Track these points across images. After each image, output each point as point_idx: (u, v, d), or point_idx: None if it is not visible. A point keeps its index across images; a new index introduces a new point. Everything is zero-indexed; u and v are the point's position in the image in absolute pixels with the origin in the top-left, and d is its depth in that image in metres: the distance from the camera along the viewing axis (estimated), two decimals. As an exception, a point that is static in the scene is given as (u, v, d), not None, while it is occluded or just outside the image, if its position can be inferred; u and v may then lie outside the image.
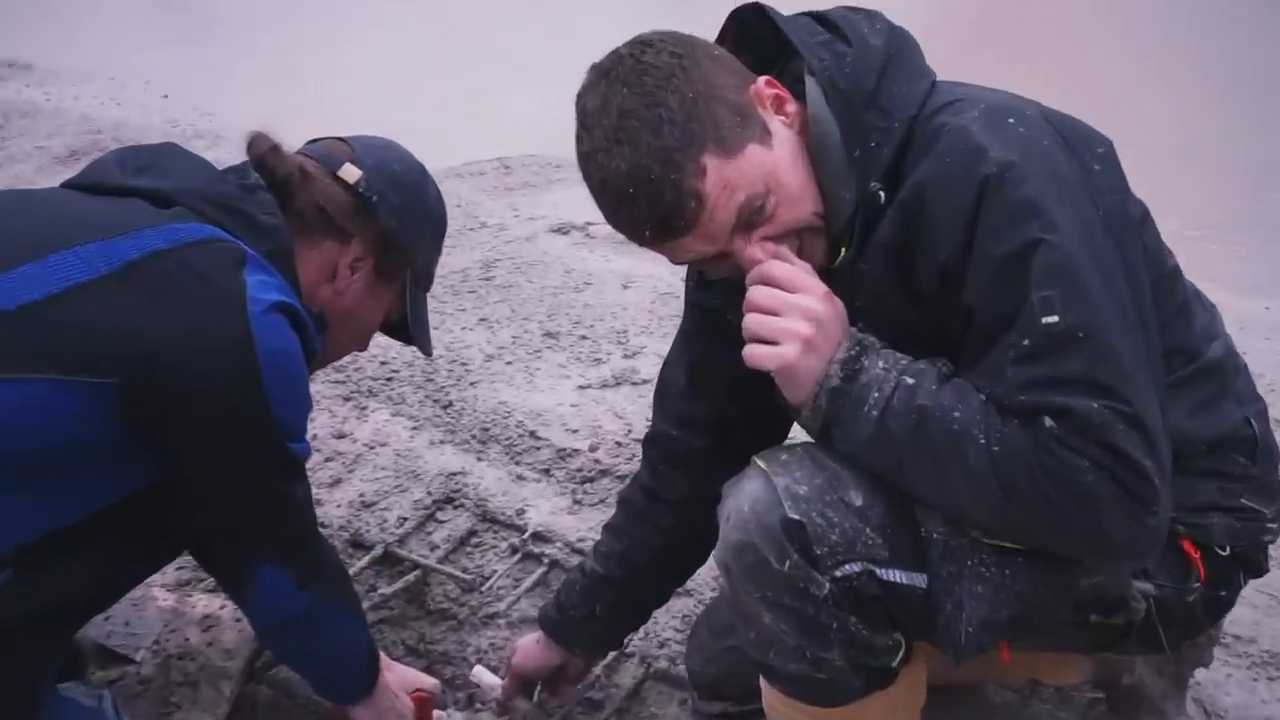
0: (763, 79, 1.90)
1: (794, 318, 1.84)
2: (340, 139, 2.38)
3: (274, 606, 2.20)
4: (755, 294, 1.87)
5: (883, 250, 1.86)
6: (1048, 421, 1.69)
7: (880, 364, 1.82)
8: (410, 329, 2.44)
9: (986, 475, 1.73)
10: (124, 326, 1.93)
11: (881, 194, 1.84)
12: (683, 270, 4.49)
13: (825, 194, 1.88)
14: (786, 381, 1.86)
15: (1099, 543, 1.74)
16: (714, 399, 2.32)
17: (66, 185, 2.20)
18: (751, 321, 1.87)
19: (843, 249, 1.90)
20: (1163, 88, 7.22)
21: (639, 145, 1.78)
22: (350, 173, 2.28)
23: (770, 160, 1.84)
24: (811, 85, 1.88)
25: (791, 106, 1.91)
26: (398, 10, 8.15)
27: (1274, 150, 6.50)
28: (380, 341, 3.21)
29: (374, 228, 2.29)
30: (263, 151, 2.24)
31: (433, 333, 2.58)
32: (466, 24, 7.33)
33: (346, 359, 3.69)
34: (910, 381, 1.80)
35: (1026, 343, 1.72)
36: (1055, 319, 1.70)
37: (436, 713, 2.50)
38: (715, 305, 2.25)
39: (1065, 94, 2.06)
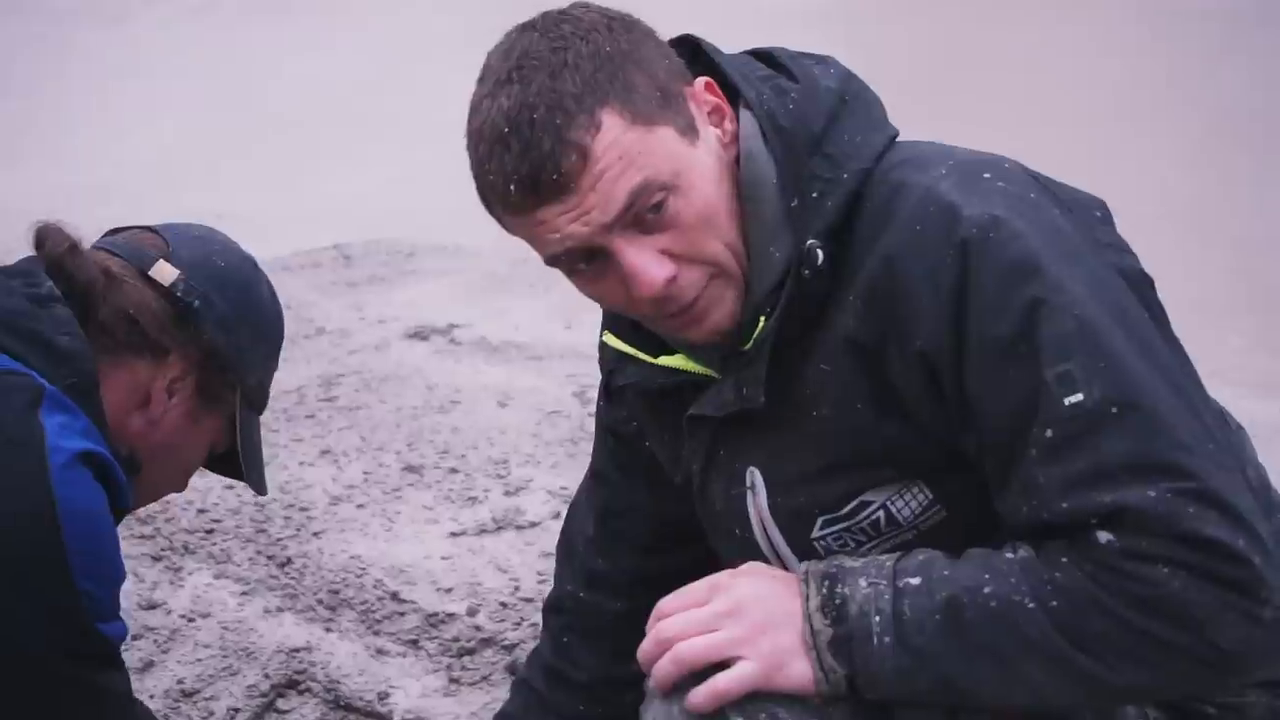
0: (703, 81, 1.91)
1: (724, 622, 1.84)
2: (149, 229, 2.36)
3: None
4: (664, 630, 1.86)
5: (848, 346, 1.86)
6: (1102, 537, 1.67)
7: (863, 581, 1.80)
8: (241, 462, 2.42)
9: (1055, 642, 1.70)
10: None
11: (819, 253, 1.84)
12: (575, 383, 4.49)
13: (750, 248, 1.89)
14: (778, 683, 1.81)
15: (1218, 662, 1.69)
16: (630, 552, 2.33)
17: None
18: (691, 655, 1.83)
19: (761, 320, 1.89)
20: (1141, 148, 7.40)
21: (529, 85, 1.80)
22: (165, 272, 2.26)
23: (687, 155, 1.85)
24: (747, 119, 1.91)
25: (731, 126, 1.92)
26: (202, 74, 8.17)
27: (1271, 220, 6.68)
28: (197, 483, 3.16)
29: (196, 340, 2.27)
30: (59, 252, 2.21)
31: (266, 468, 2.56)
32: (290, 90, 7.35)
33: (156, 505, 3.62)
34: (914, 581, 1.78)
35: (1050, 434, 1.71)
36: (1080, 397, 1.70)
37: None
38: (628, 429, 2.27)
39: (1030, 153, 2.08)
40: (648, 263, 1.83)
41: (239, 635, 3.40)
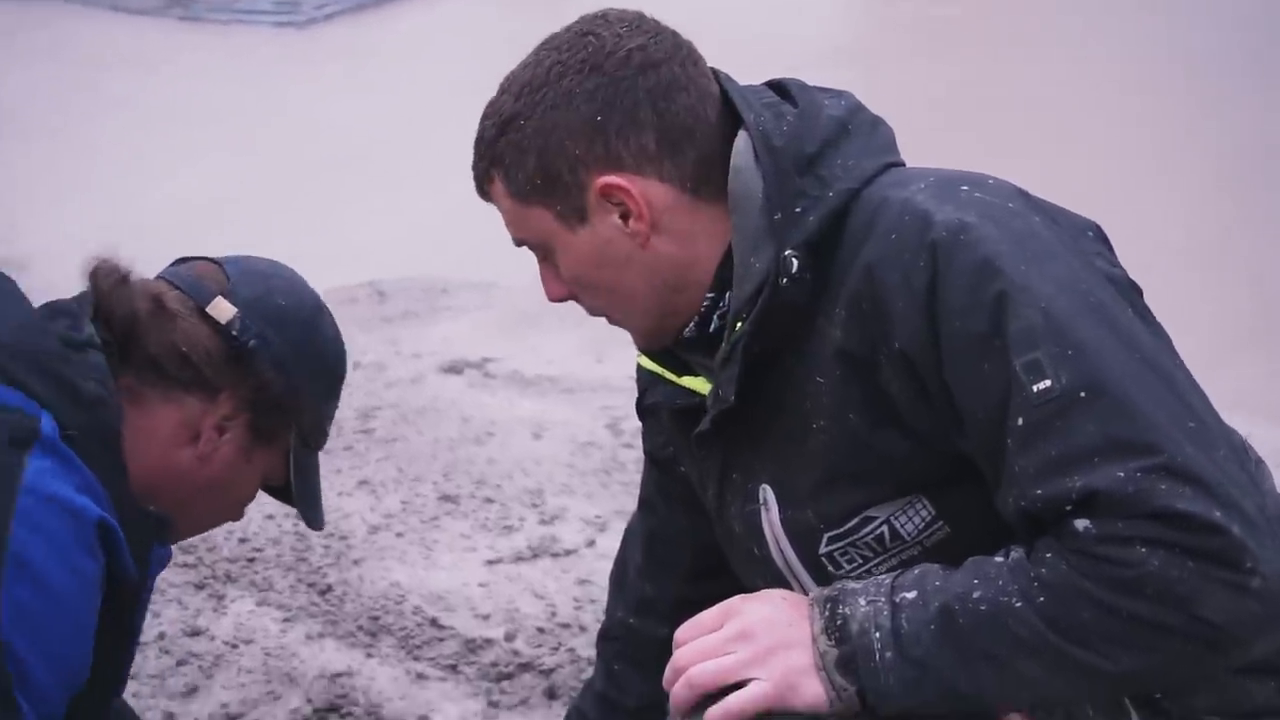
0: (613, 178, 1.95)
1: (736, 645, 1.84)
2: (214, 260, 2.30)
3: None
4: (680, 658, 1.88)
5: (837, 356, 1.89)
6: (1079, 524, 1.65)
7: (863, 600, 1.80)
8: (294, 499, 2.37)
9: (1046, 637, 1.68)
10: None
11: (795, 262, 1.88)
12: (608, 415, 4.53)
13: (735, 258, 1.94)
14: (791, 702, 1.82)
15: (1213, 638, 1.65)
16: (676, 578, 2.37)
17: None
18: (702, 680, 1.84)
19: (738, 324, 1.93)
20: (1162, 183, 7.41)
21: (493, 106, 2.00)
22: (222, 309, 2.20)
23: (561, 236, 2.00)
24: (741, 138, 1.95)
25: (641, 224, 1.96)
26: (244, 117, 8.22)
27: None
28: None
29: (250, 379, 2.21)
30: (109, 286, 2.17)
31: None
32: (325, 133, 7.41)
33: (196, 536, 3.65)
34: (910, 595, 1.78)
35: (1021, 422, 1.70)
36: (1048, 383, 1.69)
37: None
38: (665, 454, 2.31)
39: (1052, 189, 2.10)
40: (546, 280, 2.06)
41: (281, 661, 3.42)
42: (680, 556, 2.36)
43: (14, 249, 5.98)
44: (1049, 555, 1.69)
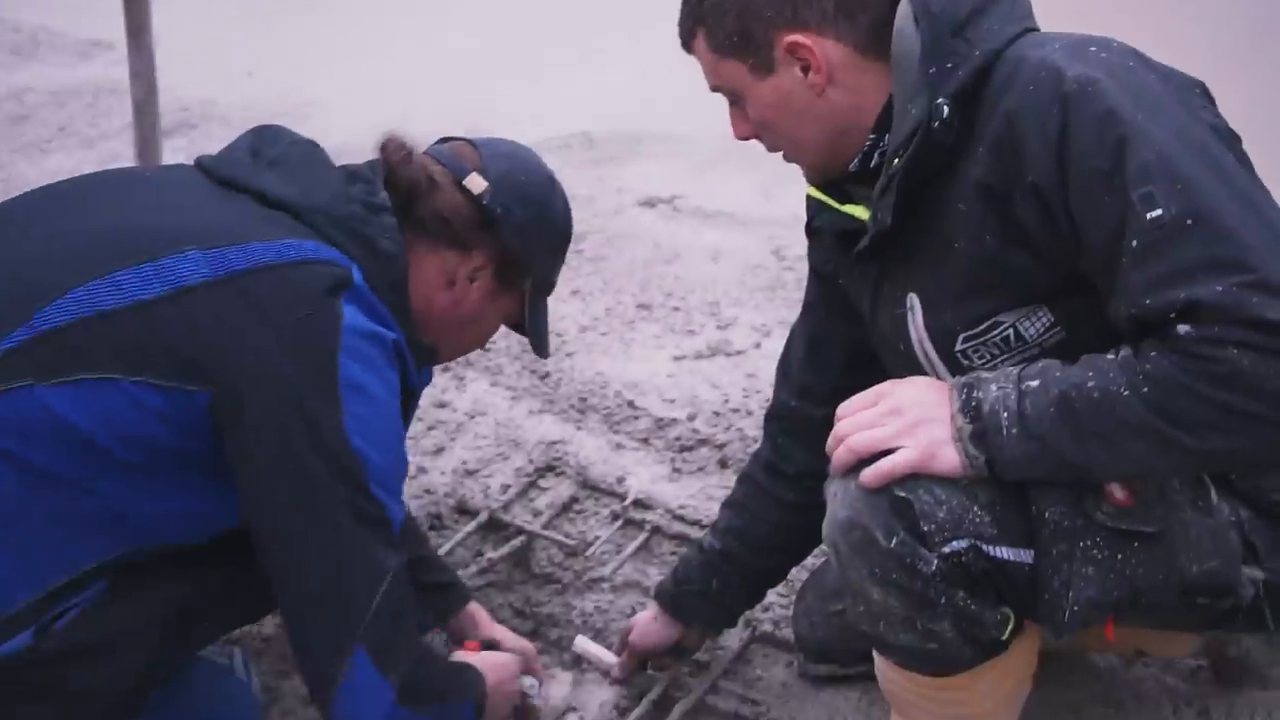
0: (798, 37, 1.96)
1: (888, 420, 1.87)
2: (469, 142, 2.36)
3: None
4: (841, 428, 1.90)
5: (978, 188, 1.89)
6: (1181, 329, 1.65)
7: (994, 387, 1.81)
8: (528, 332, 2.43)
9: (1150, 421, 1.69)
10: (218, 339, 1.92)
11: (945, 109, 1.88)
12: (774, 244, 4.53)
13: (895, 107, 1.95)
14: (933, 467, 1.84)
15: None
16: (831, 369, 2.38)
17: (200, 164, 2.20)
18: (859, 445, 1.87)
19: (895, 160, 1.94)
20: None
21: None
22: (476, 183, 2.26)
23: (751, 85, 2.02)
24: (903, 5, 1.95)
25: (819, 76, 1.97)
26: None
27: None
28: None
29: (496, 241, 2.28)
30: (396, 159, 2.23)
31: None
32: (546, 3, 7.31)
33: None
34: (1034, 384, 1.78)
35: (1136, 244, 1.70)
36: (1159, 212, 1.68)
37: (525, 680, 2.50)
38: (827, 268, 2.32)
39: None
40: (735, 121, 2.09)
41: (509, 429, 3.51)
42: (836, 352, 2.38)
43: (301, 96, 6.05)
44: (1153, 354, 1.69)
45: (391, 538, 2.00)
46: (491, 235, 2.27)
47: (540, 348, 2.47)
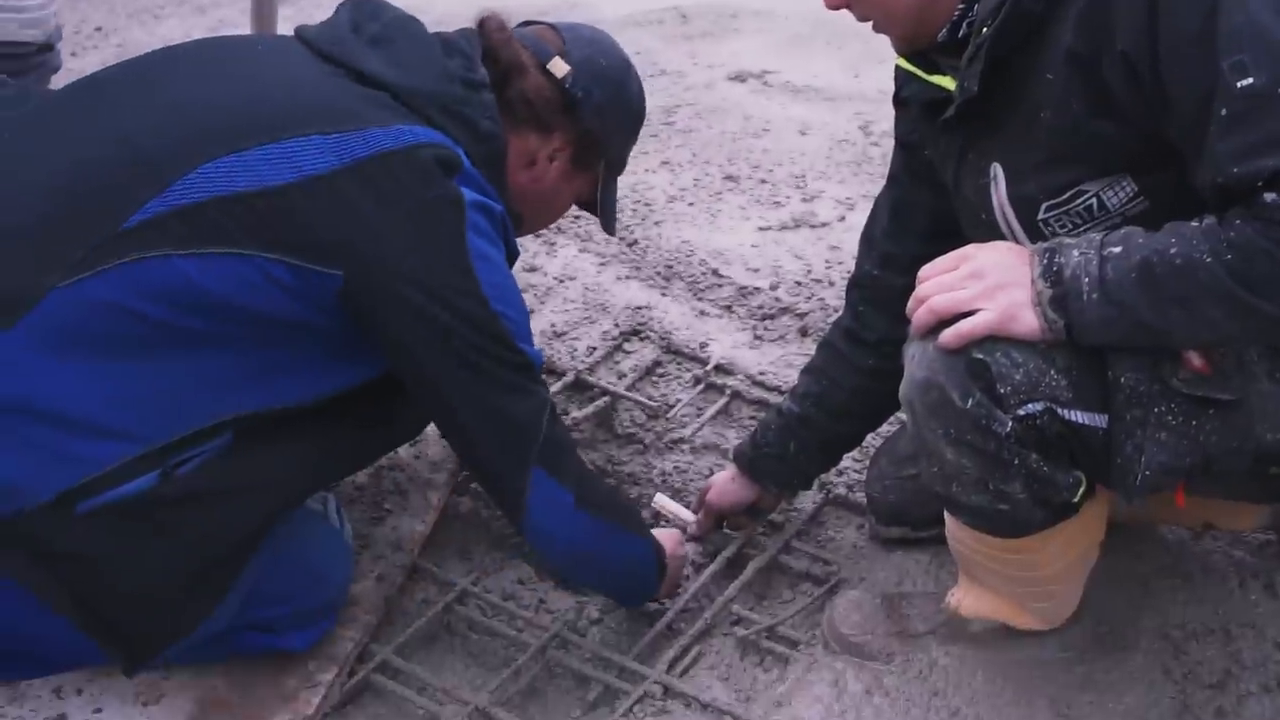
0: None
1: (969, 282, 1.87)
2: (553, 26, 2.41)
3: (554, 528, 2.25)
4: (923, 290, 1.91)
5: (1068, 57, 1.87)
6: (1268, 196, 1.64)
7: (1076, 252, 1.81)
8: (598, 211, 2.51)
9: (1229, 288, 1.69)
10: (350, 222, 2.03)
11: None
12: (861, 119, 4.52)
13: None
14: (1012, 330, 1.85)
15: None
16: (914, 238, 2.39)
17: (301, 35, 2.26)
18: (940, 306, 1.88)
19: (984, 29, 1.93)
20: None
21: None
22: (559, 67, 2.33)
23: None
24: None
25: None
26: None
27: None
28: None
29: (575, 123, 2.35)
30: (496, 40, 2.29)
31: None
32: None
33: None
34: (1116, 250, 1.78)
35: (1225, 112, 1.68)
36: (1250, 80, 1.66)
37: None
38: (912, 139, 2.32)
39: None
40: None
41: (597, 294, 3.54)
42: (919, 221, 2.39)
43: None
44: (1238, 222, 1.68)
45: (539, 376, 2.23)
46: (572, 118, 2.35)
47: (609, 225, 2.56)
